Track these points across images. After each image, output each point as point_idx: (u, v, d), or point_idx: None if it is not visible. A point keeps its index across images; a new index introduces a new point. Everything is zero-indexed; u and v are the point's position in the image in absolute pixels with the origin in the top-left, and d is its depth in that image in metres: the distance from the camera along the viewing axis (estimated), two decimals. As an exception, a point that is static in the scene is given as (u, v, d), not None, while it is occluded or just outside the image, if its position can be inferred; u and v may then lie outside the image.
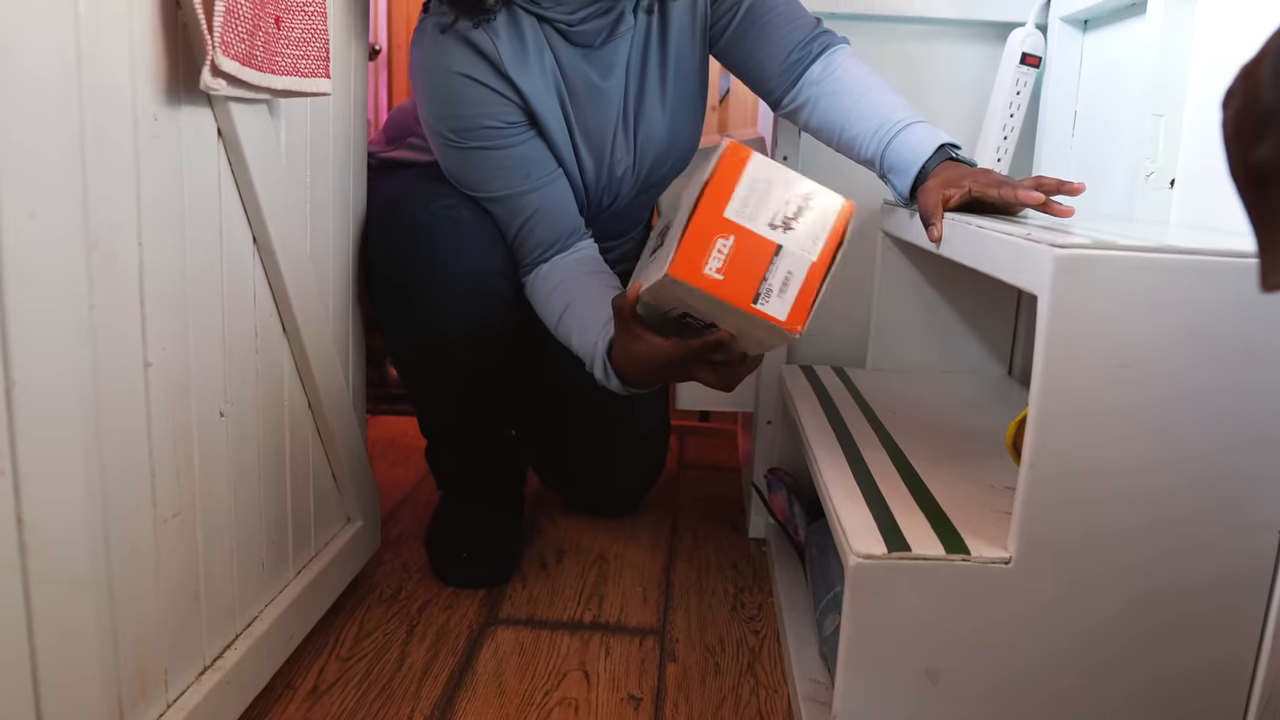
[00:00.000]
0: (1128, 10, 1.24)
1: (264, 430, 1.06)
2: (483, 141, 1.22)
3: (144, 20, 0.79)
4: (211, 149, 0.91)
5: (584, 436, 1.56)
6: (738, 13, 1.29)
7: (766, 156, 0.90)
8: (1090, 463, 0.81)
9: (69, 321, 0.71)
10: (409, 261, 1.25)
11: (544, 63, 1.24)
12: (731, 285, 0.89)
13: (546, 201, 1.25)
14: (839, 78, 1.25)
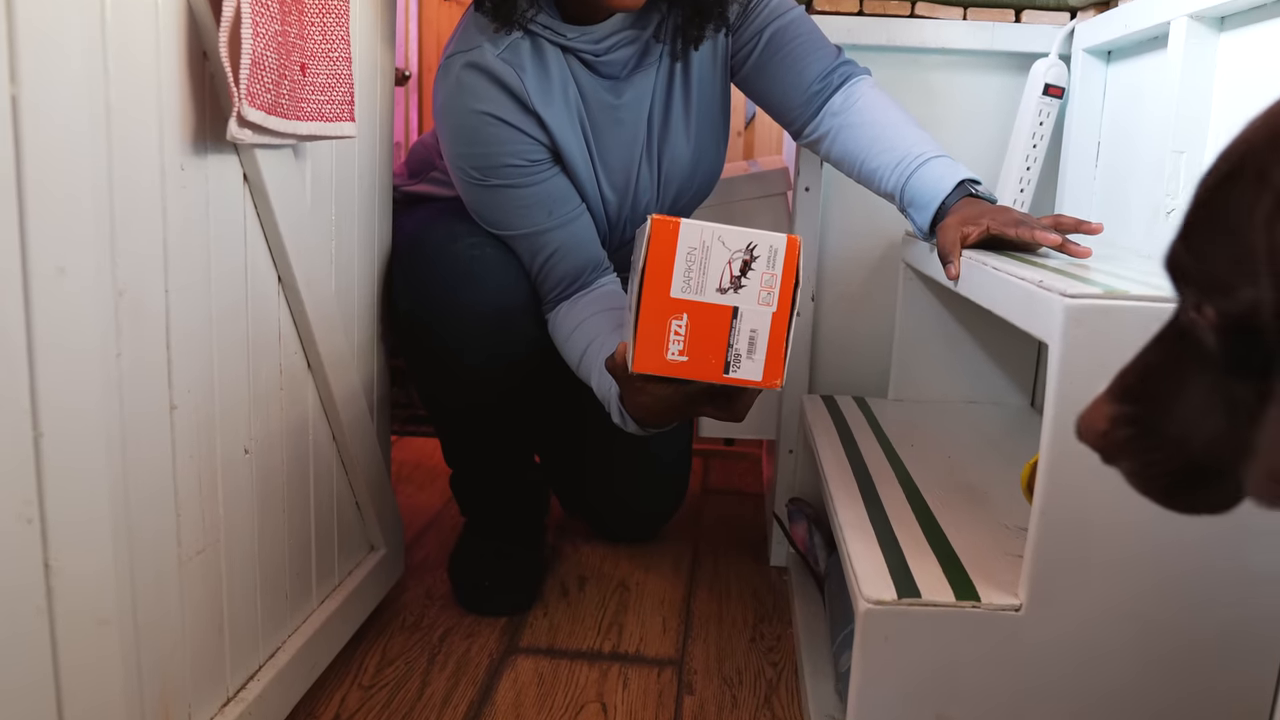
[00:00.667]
0: (1150, 43, 1.24)
1: (288, 464, 1.08)
2: (506, 179, 1.23)
3: (171, 72, 0.81)
4: (237, 194, 0.93)
5: (604, 466, 1.58)
6: (759, 43, 1.30)
7: (693, 220, 0.87)
8: (1100, 511, 0.81)
9: (96, 370, 0.73)
10: (433, 300, 1.27)
11: (568, 95, 1.26)
12: (698, 363, 0.87)
13: (569, 238, 1.27)
14: (860, 109, 1.26)
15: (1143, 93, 1.27)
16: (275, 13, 0.87)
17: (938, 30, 1.43)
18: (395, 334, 1.35)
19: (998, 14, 1.44)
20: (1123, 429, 0.49)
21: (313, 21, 0.96)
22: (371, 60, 1.20)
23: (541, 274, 1.28)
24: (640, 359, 0.87)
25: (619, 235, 1.37)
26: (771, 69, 1.29)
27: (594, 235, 1.30)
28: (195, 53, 0.84)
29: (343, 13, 0.99)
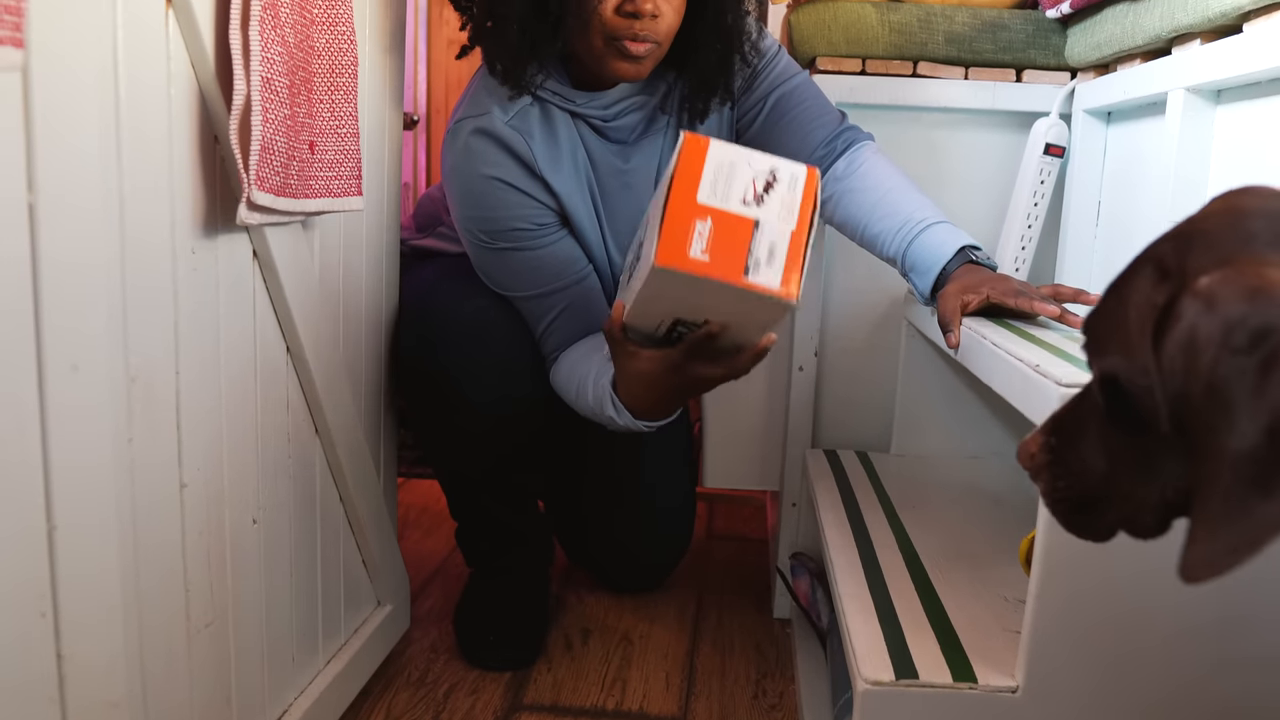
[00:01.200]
0: (1150, 108, 1.26)
1: (296, 529, 1.09)
2: (514, 243, 1.25)
3: (183, 157, 0.83)
4: (247, 271, 0.95)
5: (606, 516, 1.59)
6: (764, 108, 1.32)
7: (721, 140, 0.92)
8: (1097, 594, 0.82)
9: (108, 459, 0.74)
10: (439, 362, 1.29)
11: (577, 160, 1.27)
12: (719, 264, 0.88)
13: (576, 299, 1.28)
14: (862, 174, 1.27)
15: (1143, 155, 1.28)
16: (285, 97, 0.89)
17: (940, 90, 1.45)
18: (402, 390, 1.36)
19: (999, 74, 1.45)
20: (1044, 455, 0.59)
21: (321, 100, 0.98)
22: (380, 129, 1.22)
23: (547, 332, 1.29)
24: (664, 253, 0.88)
25: None
26: (776, 134, 1.31)
27: (600, 296, 1.32)
28: (207, 137, 0.86)
29: (351, 90, 1.01)
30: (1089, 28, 1.33)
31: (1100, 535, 0.57)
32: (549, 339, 1.30)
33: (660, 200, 0.91)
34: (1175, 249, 0.49)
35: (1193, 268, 0.47)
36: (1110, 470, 0.55)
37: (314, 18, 0.96)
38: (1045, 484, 0.59)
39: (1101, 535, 0.57)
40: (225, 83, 0.84)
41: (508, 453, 1.37)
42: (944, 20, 1.43)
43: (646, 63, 1.17)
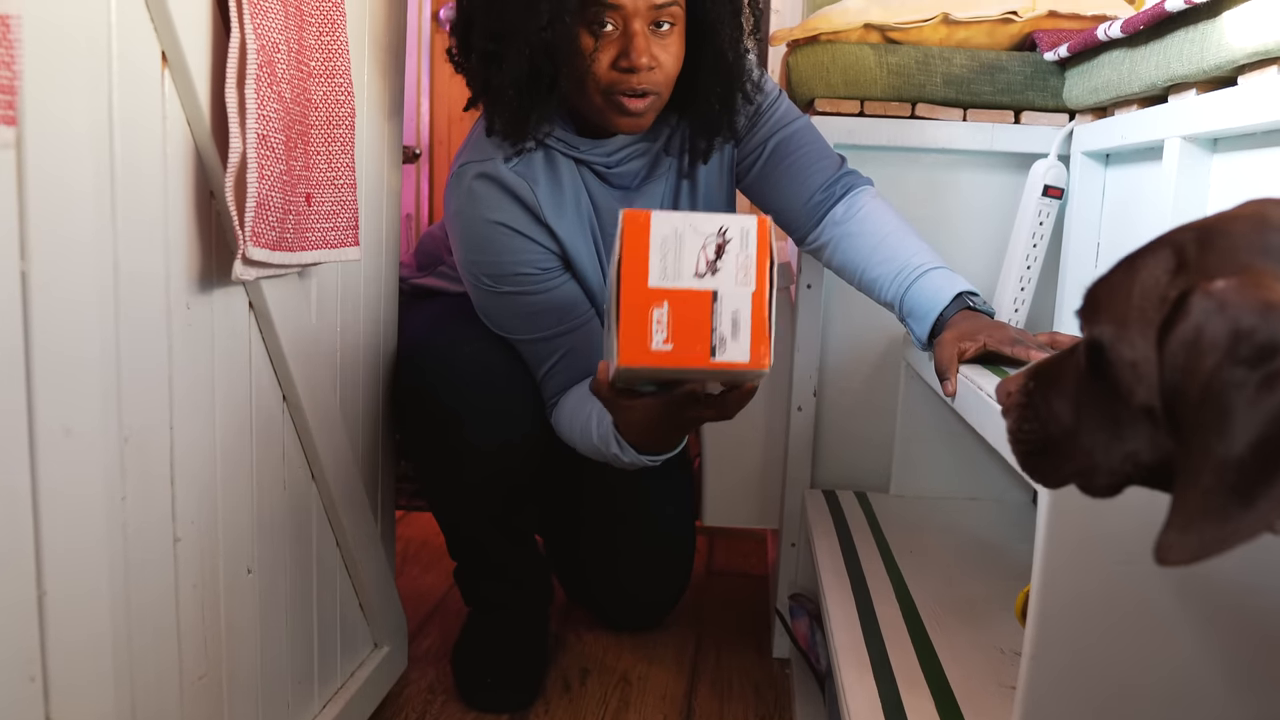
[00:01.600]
0: (1147, 152, 1.26)
1: (291, 576, 1.09)
2: (517, 287, 1.25)
3: (179, 213, 0.83)
4: (243, 322, 0.95)
5: (607, 554, 1.58)
6: (764, 152, 1.32)
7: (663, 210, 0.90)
8: (1092, 657, 0.82)
9: (100, 519, 0.74)
10: (438, 404, 1.29)
11: (580, 206, 1.28)
12: (684, 350, 0.85)
13: (578, 343, 1.28)
14: (861, 219, 1.28)
15: (1141, 198, 1.28)
16: (280, 153, 0.89)
17: (938, 131, 1.45)
18: (400, 429, 1.36)
19: (997, 115, 1.46)
20: (1020, 397, 0.62)
21: (319, 152, 0.98)
22: (378, 174, 1.22)
23: (548, 376, 1.29)
24: (625, 353, 0.85)
25: None
26: (775, 178, 1.32)
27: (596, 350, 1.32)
28: (203, 193, 0.86)
29: (348, 142, 1.02)
30: (1086, 72, 1.33)
31: (1053, 482, 0.61)
32: (550, 382, 1.29)
33: (613, 287, 0.88)
34: (1197, 242, 0.50)
35: (1210, 266, 0.48)
36: (1076, 426, 0.57)
37: (311, 71, 0.97)
38: (1013, 422, 0.63)
39: (1054, 482, 0.61)
40: (221, 140, 0.85)
41: (507, 494, 1.37)
42: (942, 62, 1.44)
43: (647, 115, 1.18)
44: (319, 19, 0.98)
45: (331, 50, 0.99)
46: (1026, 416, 0.61)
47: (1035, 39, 1.44)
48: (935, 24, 1.44)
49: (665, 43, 1.16)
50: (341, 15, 1.00)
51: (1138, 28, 1.14)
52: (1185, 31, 1.06)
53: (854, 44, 1.45)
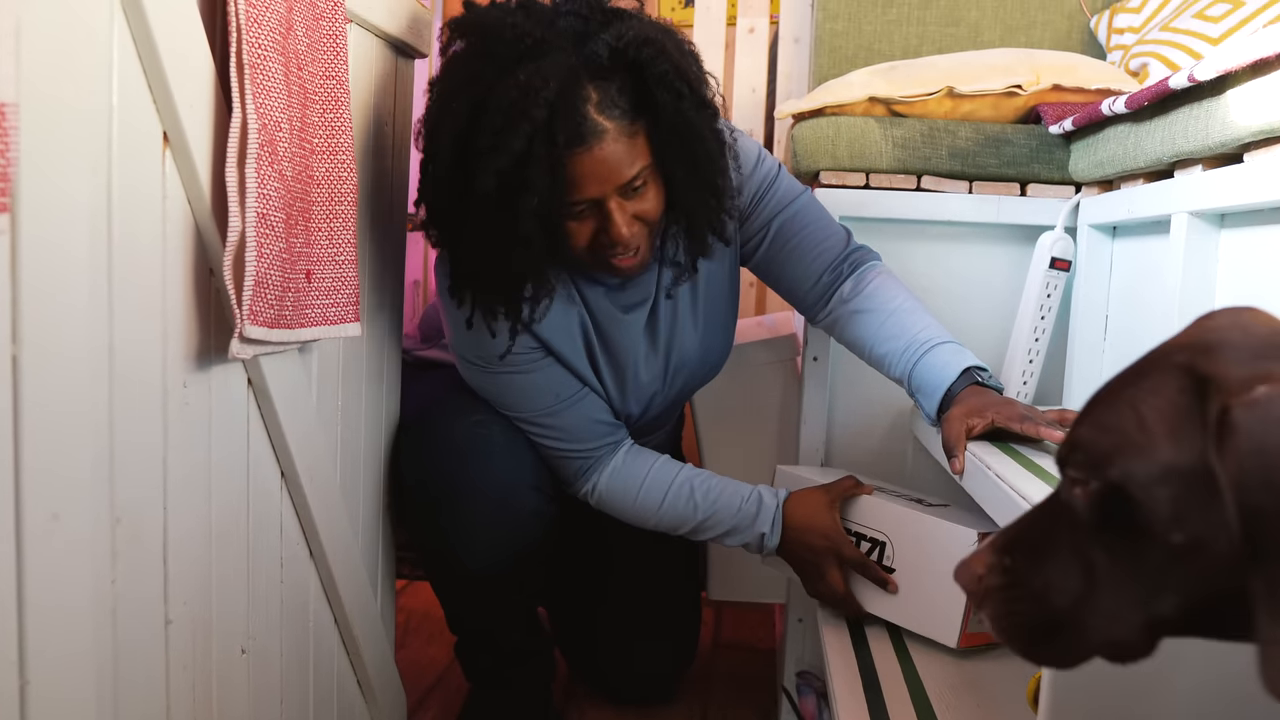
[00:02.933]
0: (1155, 225, 1.25)
1: (287, 656, 1.07)
2: (509, 367, 1.24)
3: (177, 291, 0.83)
4: (241, 399, 0.94)
5: (610, 626, 1.56)
6: (767, 234, 1.31)
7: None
8: (1106, 749, 0.79)
9: (88, 603, 0.73)
10: (438, 477, 1.27)
11: (570, 307, 1.25)
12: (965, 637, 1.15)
13: (579, 416, 1.27)
14: (869, 295, 1.27)
15: (1150, 271, 1.27)
16: (280, 231, 0.89)
17: (944, 203, 1.45)
18: (401, 505, 1.35)
19: (1003, 187, 1.45)
20: (995, 577, 0.55)
21: (320, 228, 0.98)
22: (382, 251, 1.23)
23: (561, 451, 1.29)
24: (963, 639, 1.15)
25: (624, 420, 1.37)
26: (781, 260, 1.31)
27: (605, 406, 1.31)
28: (202, 270, 0.86)
29: (350, 218, 1.02)
30: (1092, 145, 1.33)
31: (1071, 661, 0.54)
32: (569, 455, 1.29)
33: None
34: (1203, 358, 0.48)
35: (1232, 378, 0.46)
36: (1089, 590, 0.52)
37: (314, 147, 0.97)
38: (996, 608, 0.55)
39: (1073, 661, 0.54)
40: (221, 218, 0.85)
41: (513, 575, 1.34)
42: (947, 135, 1.44)
43: (643, 259, 1.17)
44: (322, 95, 0.98)
45: (334, 126, 1.00)
46: (1015, 597, 0.55)
47: (1040, 112, 1.44)
48: (940, 97, 1.45)
49: (643, 198, 1.13)
50: (345, 91, 1.01)
51: (1142, 104, 1.13)
52: (1190, 109, 1.06)
53: (859, 117, 1.46)
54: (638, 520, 1.32)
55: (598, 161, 1.07)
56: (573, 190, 1.08)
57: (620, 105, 1.07)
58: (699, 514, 1.29)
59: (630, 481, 1.30)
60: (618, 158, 1.08)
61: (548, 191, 1.05)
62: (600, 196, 1.09)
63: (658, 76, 1.08)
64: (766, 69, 2.36)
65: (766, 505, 1.28)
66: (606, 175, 1.08)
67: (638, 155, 1.10)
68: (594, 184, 1.08)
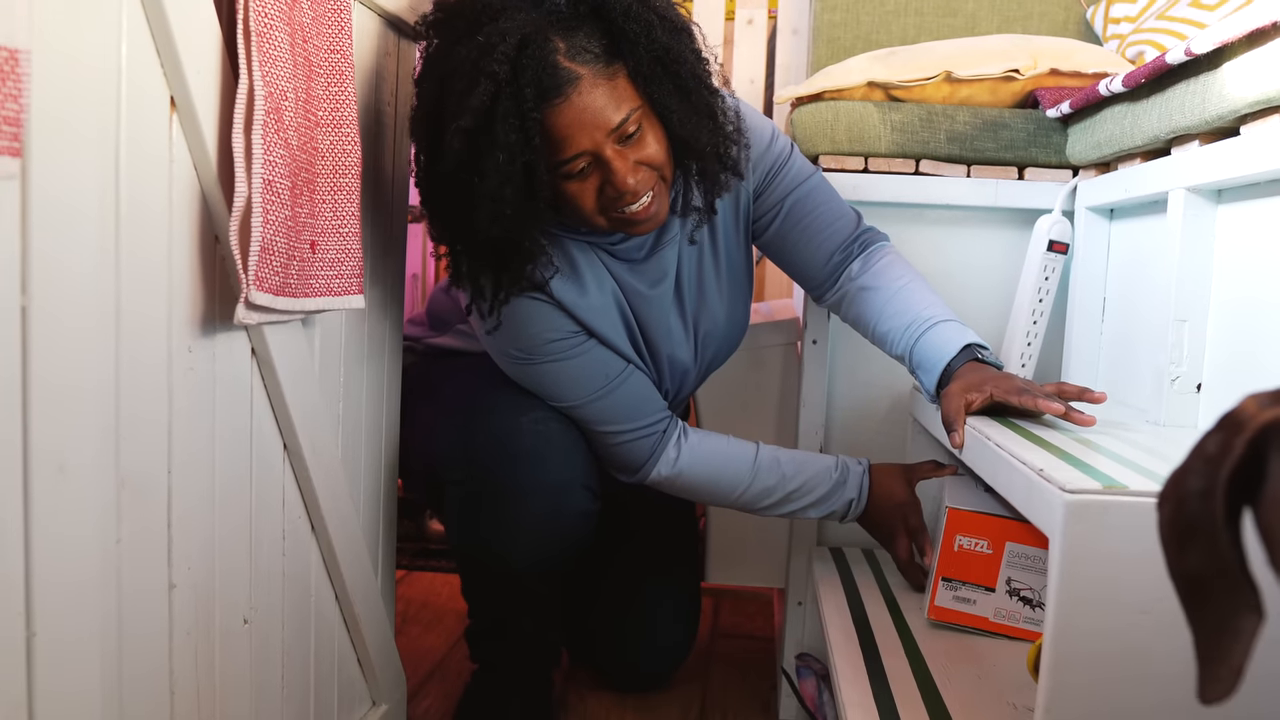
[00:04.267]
0: (1152, 206, 1.26)
1: (289, 628, 1.07)
2: (551, 355, 1.22)
3: (183, 258, 0.83)
4: (245, 368, 0.95)
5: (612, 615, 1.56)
6: (780, 212, 1.31)
7: None
8: (1108, 707, 0.79)
9: (93, 561, 0.73)
10: (489, 475, 1.26)
11: (604, 285, 1.24)
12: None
13: (633, 393, 1.27)
14: (875, 274, 1.28)
15: (1146, 252, 1.28)
16: (286, 199, 0.89)
17: (942, 187, 1.46)
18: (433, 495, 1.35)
19: (1001, 171, 1.46)
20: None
21: (324, 200, 0.99)
22: (384, 229, 1.23)
23: (624, 435, 1.27)
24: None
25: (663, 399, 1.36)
26: (794, 239, 1.31)
27: (652, 388, 1.31)
28: (207, 237, 0.87)
29: (354, 190, 1.02)
30: (1089, 127, 1.34)
31: None
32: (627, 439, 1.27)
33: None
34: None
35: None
36: None
37: (319, 120, 0.98)
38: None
39: None
40: (227, 184, 0.85)
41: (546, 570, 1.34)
42: (945, 120, 1.45)
43: (659, 208, 1.14)
44: (327, 70, 0.99)
45: (339, 101, 1.00)
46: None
47: (1038, 96, 1.45)
48: (938, 82, 1.46)
49: (641, 142, 1.10)
50: (350, 66, 1.01)
51: (1139, 81, 1.14)
52: (1187, 84, 1.07)
53: (858, 101, 1.47)
54: (718, 496, 1.33)
55: (579, 110, 1.05)
56: (562, 147, 1.06)
57: (592, 50, 1.05)
58: (789, 483, 1.31)
59: (712, 455, 1.31)
60: (600, 102, 1.05)
61: (520, 148, 1.03)
62: (594, 148, 1.07)
63: (623, 12, 1.06)
64: (765, 60, 2.37)
65: (853, 472, 1.32)
66: (592, 122, 1.05)
67: (622, 98, 1.07)
68: (581, 134, 1.06)
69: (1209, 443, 0.44)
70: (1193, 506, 0.44)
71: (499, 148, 1.02)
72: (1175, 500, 0.46)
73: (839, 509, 1.32)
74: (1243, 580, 0.43)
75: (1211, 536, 0.43)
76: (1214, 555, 0.43)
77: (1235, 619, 0.44)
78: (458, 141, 1.03)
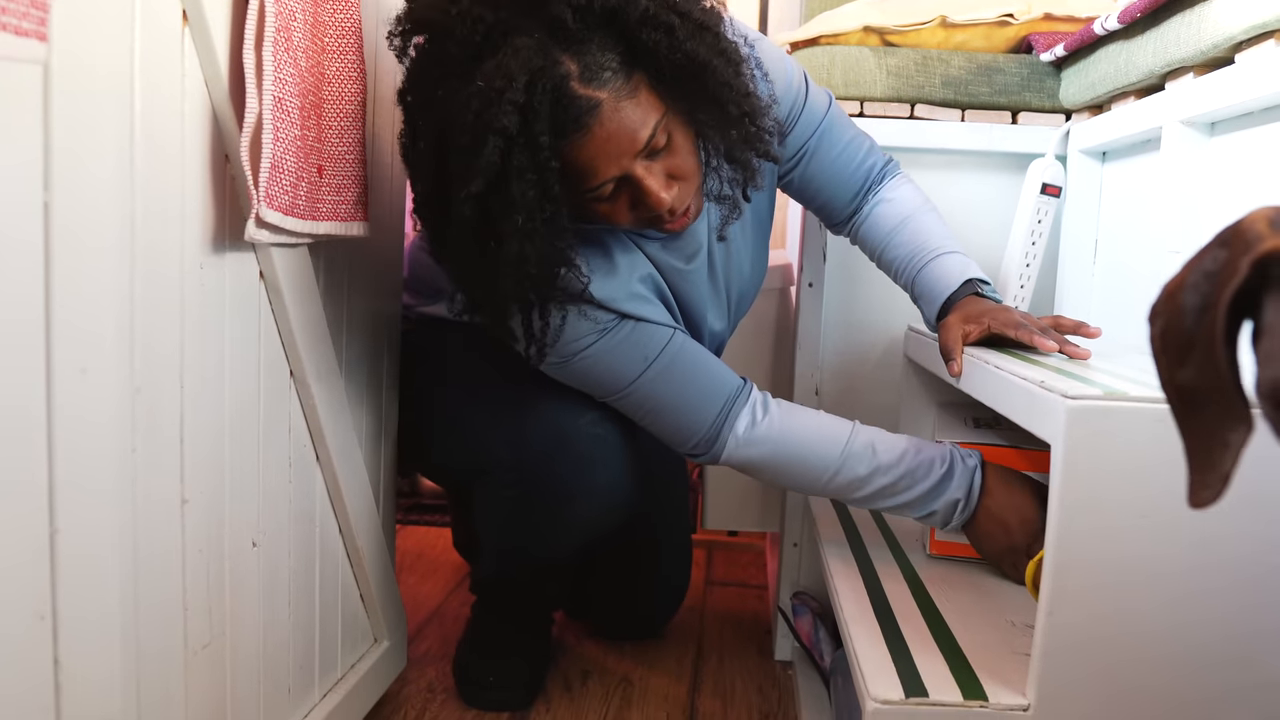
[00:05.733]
0: (1144, 145, 1.27)
1: (295, 557, 1.08)
2: (586, 354, 1.14)
3: (195, 175, 0.83)
4: (253, 290, 0.95)
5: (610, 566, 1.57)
6: (806, 153, 1.26)
7: None
8: (1108, 611, 0.82)
9: (112, 467, 0.74)
10: (542, 474, 1.25)
11: (639, 269, 1.16)
12: None
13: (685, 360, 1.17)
14: (886, 199, 1.28)
15: (1138, 192, 1.30)
16: (295, 118, 0.90)
17: (937, 131, 1.47)
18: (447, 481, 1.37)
19: (995, 116, 1.48)
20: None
21: (330, 125, 0.99)
22: (386, 161, 1.23)
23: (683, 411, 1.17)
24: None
25: None
26: (822, 177, 1.28)
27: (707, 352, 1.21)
28: (218, 156, 0.87)
29: (358, 117, 1.03)
30: (1083, 69, 1.36)
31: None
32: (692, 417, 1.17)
33: None
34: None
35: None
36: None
37: (325, 46, 0.98)
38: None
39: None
40: (238, 101, 0.86)
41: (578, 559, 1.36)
42: (940, 64, 1.46)
43: (695, 213, 1.08)
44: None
45: (345, 27, 1.01)
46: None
47: (1031, 41, 1.46)
48: (933, 27, 1.47)
49: (671, 154, 1.01)
50: (355, -7, 1.01)
51: (1135, 16, 1.16)
52: (1182, 15, 1.08)
53: (854, 46, 1.48)
54: (799, 481, 1.19)
55: (602, 140, 0.95)
56: (586, 178, 0.98)
57: (609, 66, 0.94)
58: (882, 476, 1.13)
59: (792, 434, 1.17)
60: (626, 126, 0.96)
61: (539, 205, 0.94)
62: (621, 173, 0.98)
63: (640, 18, 0.94)
64: (759, 10, 2.38)
65: (962, 468, 1.13)
66: (619, 149, 0.97)
67: (648, 112, 0.97)
68: (608, 163, 0.97)
69: (1208, 258, 0.45)
70: (1190, 322, 0.45)
71: (516, 209, 0.93)
72: (1170, 314, 0.47)
73: (940, 511, 1.12)
74: (1236, 395, 0.45)
75: (1209, 352, 0.44)
76: (1210, 370, 0.45)
77: (1227, 430, 0.45)
78: (469, 209, 0.94)
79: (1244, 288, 0.43)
